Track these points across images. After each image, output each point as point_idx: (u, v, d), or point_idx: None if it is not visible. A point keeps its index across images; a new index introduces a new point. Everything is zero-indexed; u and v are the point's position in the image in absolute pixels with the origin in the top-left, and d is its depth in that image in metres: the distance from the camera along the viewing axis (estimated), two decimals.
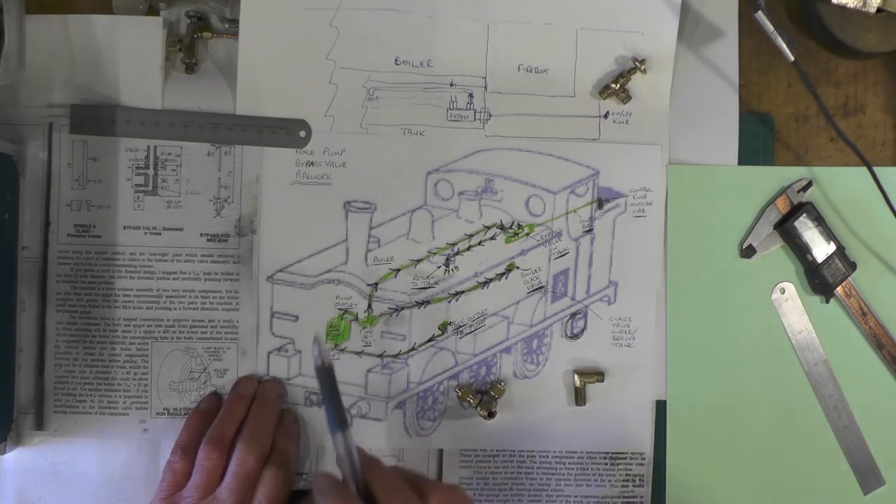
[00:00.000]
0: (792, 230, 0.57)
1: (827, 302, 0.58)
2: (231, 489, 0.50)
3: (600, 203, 0.57)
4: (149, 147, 0.56)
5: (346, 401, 0.57)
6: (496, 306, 0.57)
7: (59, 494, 0.56)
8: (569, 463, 0.58)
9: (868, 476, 0.58)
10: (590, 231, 0.58)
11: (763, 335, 0.58)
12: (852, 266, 0.57)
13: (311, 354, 0.46)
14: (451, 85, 0.57)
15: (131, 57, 0.55)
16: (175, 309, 0.56)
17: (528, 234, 0.57)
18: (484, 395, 0.56)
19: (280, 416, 0.55)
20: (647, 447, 0.58)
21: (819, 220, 0.57)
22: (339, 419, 0.42)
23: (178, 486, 0.51)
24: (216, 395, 0.56)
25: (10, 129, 0.55)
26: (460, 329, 0.57)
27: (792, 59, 0.54)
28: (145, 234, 0.56)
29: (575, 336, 0.58)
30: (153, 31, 0.55)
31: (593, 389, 0.58)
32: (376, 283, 0.57)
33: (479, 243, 0.57)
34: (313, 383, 0.56)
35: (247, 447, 0.51)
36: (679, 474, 0.58)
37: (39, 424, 0.56)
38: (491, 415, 0.56)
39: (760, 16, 0.53)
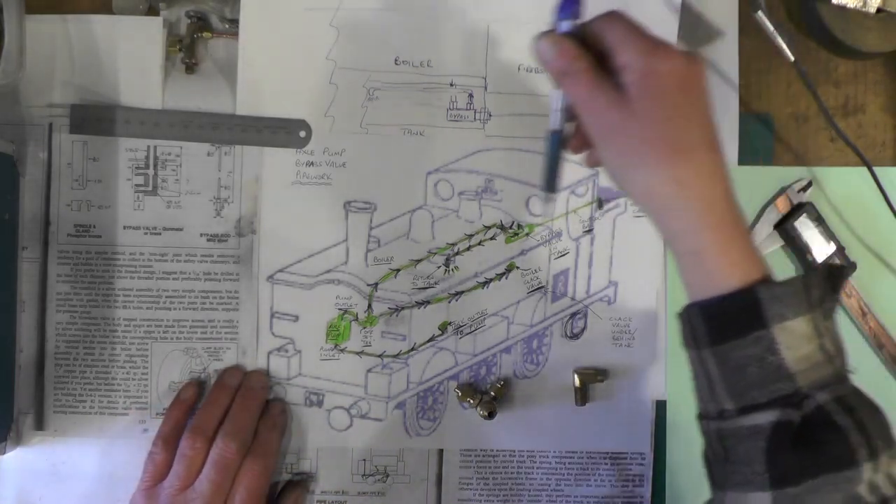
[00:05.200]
0: (792, 230, 0.57)
1: None
2: (210, 479, 0.50)
3: (600, 203, 0.57)
4: (149, 147, 0.56)
5: (346, 401, 0.57)
6: (496, 306, 0.57)
7: (59, 494, 0.56)
8: (569, 463, 0.58)
9: None
10: (590, 231, 0.58)
11: None
12: (852, 266, 0.57)
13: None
14: (451, 85, 0.57)
15: (131, 57, 0.55)
16: (175, 309, 0.56)
17: (528, 234, 0.57)
18: (484, 395, 0.56)
19: (266, 407, 0.55)
20: (647, 447, 0.58)
21: (819, 221, 0.57)
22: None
23: (159, 476, 0.51)
24: (195, 384, 0.56)
25: (10, 129, 0.55)
26: (460, 329, 0.57)
27: (792, 59, 0.54)
28: (145, 234, 0.56)
29: (575, 336, 0.58)
30: (153, 31, 0.55)
31: (593, 389, 0.58)
32: (376, 283, 0.57)
33: (479, 243, 0.57)
34: (313, 383, 0.56)
35: (228, 437, 0.51)
36: (679, 474, 0.58)
37: (39, 424, 0.56)
38: (491, 415, 0.56)
39: (760, 16, 0.53)
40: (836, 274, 0.42)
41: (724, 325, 0.41)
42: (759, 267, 0.41)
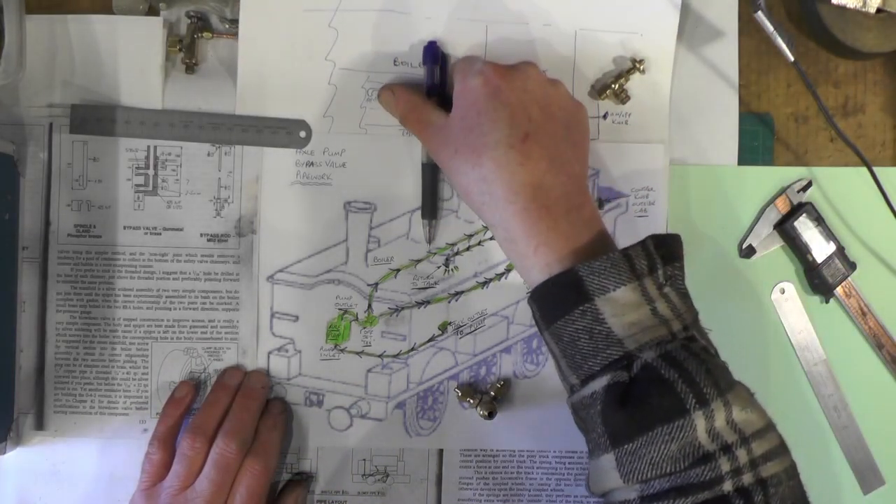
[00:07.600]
0: (792, 230, 0.57)
1: (827, 302, 0.58)
2: (210, 479, 0.50)
3: (601, 203, 0.57)
4: (149, 147, 0.56)
5: (346, 401, 0.57)
6: (496, 306, 0.57)
7: (59, 494, 0.56)
8: (569, 463, 0.58)
9: (868, 476, 0.58)
10: None
11: (763, 335, 0.58)
12: (852, 266, 0.57)
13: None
14: None
15: (131, 57, 0.55)
16: (175, 309, 0.56)
17: None
18: (484, 395, 0.56)
19: (267, 407, 0.55)
20: None
21: (819, 220, 0.57)
22: None
23: (158, 476, 0.51)
24: (189, 383, 0.55)
25: (10, 129, 0.55)
26: (460, 329, 0.57)
27: (792, 59, 0.54)
28: (145, 234, 0.56)
29: None
30: (153, 31, 0.55)
31: None
32: (376, 283, 0.57)
33: (479, 243, 0.57)
34: (313, 383, 0.57)
35: (228, 437, 0.51)
36: None
37: (39, 424, 0.56)
38: (491, 415, 0.56)
39: (760, 16, 0.53)
40: (667, 243, 0.44)
41: (553, 305, 0.44)
42: (581, 244, 0.45)
